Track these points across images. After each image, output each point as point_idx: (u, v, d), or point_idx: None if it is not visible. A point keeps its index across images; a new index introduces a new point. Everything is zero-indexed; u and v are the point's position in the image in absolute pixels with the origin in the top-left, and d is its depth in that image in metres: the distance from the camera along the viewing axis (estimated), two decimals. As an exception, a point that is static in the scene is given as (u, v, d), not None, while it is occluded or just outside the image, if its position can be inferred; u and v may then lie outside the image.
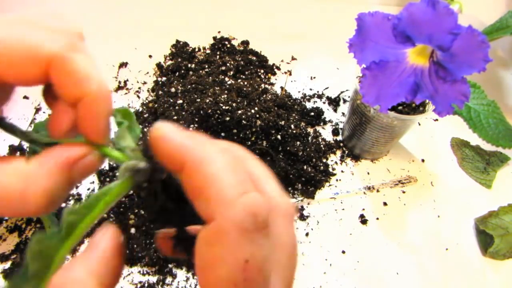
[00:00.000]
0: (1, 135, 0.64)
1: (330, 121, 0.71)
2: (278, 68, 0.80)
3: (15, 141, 0.64)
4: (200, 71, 0.73)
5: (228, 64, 0.74)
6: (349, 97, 0.75)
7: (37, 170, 0.19)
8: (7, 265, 0.52)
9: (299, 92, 0.76)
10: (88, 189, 0.60)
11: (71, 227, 0.20)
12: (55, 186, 0.19)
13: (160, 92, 0.69)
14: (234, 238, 0.17)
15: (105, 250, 0.20)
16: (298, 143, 0.64)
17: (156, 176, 0.21)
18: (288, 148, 0.62)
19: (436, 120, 0.74)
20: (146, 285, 0.52)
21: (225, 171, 0.18)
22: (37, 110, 0.68)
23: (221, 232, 0.17)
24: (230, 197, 0.17)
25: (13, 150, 0.62)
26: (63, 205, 0.59)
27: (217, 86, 0.64)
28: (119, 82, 0.74)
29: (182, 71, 0.74)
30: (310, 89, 0.76)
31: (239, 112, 0.58)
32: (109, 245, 0.20)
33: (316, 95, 0.75)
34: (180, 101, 0.61)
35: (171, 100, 0.62)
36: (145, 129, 0.63)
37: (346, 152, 0.67)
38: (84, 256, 0.19)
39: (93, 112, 0.20)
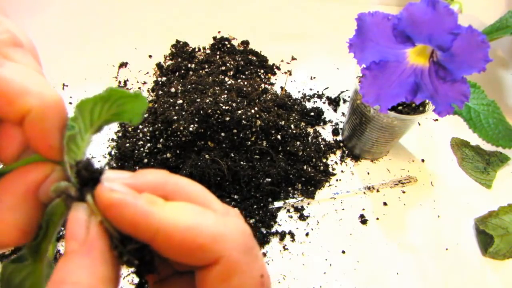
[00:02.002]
0: None
1: (330, 121, 0.71)
2: (278, 68, 0.80)
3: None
4: (200, 71, 0.73)
5: (228, 64, 0.74)
6: (349, 97, 0.75)
7: None
8: (7, 265, 0.52)
9: (299, 92, 0.76)
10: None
11: (35, 252, 0.19)
12: (24, 218, 0.18)
13: (160, 92, 0.69)
14: (246, 262, 0.18)
15: (104, 249, 0.18)
16: (298, 143, 0.64)
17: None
18: (288, 148, 0.62)
19: (436, 120, 0.74)
20: (146, 285, 0.52)
21: (195, 216, 0.18)
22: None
23: (233, 264, 0.18)
24: (219, 231, 0.18)
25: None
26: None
27: (217, 86, 0.64)
28: (119, 82, 0.73)
29: (182, 71, 0.74)
30: (310, 89, 0.76)
31: (239, 112, 0.58)
32: (107, 243, 0.18)
33: (316, 95, 0.75)
34: (180, 101, 0.61)
35: (171, 100, 0.62)
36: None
37: (346, 152, 0.67)
38: (82, 256, 0.17)
39: (40, 129, 0.18)
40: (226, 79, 0.69)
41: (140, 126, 0.64)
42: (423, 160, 0.68)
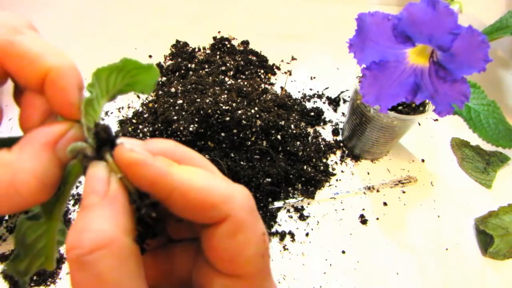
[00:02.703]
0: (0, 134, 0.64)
1: (330, 121, 0.71)
2: (278, 68, 0.80)
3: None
4: (200, 71, 0.73)
5: (228, 64, 0.74)
6: (349, 97, 0.75)
7: (20, 156, 0.18)
8: (7, 265, 0.52)
9: (299, 92, 0.76)
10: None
11: (49, 212, 0.20)
12: (43, 168, 0.18)
13: (160, 92, 0.69)
14: (251, 221, 0.20)
15: (125, 202, 0.19)
16: (298, 143, 0.64)
17: None
18: (288, 148, 0.62)
19: (436, 120, 0.74)
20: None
21: (207, 178, 0.20)
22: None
23: (240, 222, 0.19)
24: (228, 193, 0.20)
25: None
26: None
27: (217, 86, 0.64)
28: (119, 82, 0.73)
29: (182, 71, 0.74)
30: (310, 89, 0.76)
31: (239, 112, 0.58)
32: (126, 197, 0.19)
33: (316, 95, 0.75)
34: (180, 101, 0.61)
35: (171, 100, 0.62)
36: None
37: (346, 152, 0.67)
38: (105, 207, 0.18)
39: (61, 87, 0.19)
40: (226, 79, 0.69)
41: (140, 126, 0.64)
42: (423, 160, 0.68)
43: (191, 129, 0.57)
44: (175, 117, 0.58)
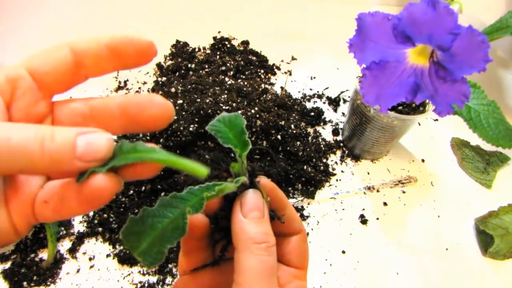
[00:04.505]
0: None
1: (330, 121, 0.71)
2: (278, 68, 0.80)
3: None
4: (200, 71, 0.73)
5: (228, 64, 0.74)
6: (349, 97, 0.75)
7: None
8: (7, 265, 0.52)
9: (299, 92, 0.76)
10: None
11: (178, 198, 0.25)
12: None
13: (160, 92, 0.69)
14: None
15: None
16: (298, 143, 0.64)
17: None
18: (288, 148, 0.62)
19: (436, 120, 0.74)
20: (146, 285, 0.52)
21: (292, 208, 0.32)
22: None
23: (305, 234, 0.32)
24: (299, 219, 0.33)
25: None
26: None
27: (217, 86, 0.64)
28: (119, 82, 0.74)
29: (182, 71, 0.74)
30: (310, 89, 0.76)
31: (239, 112, 0.58)
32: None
33: (316, 95, 0.75)
34: (180, 101, 0.61)
35: (171, 100, 0.62)
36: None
37: (346, 152, 0.67)
38: (267, 222, 0.28)
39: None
40: (226, 79, 0.69)
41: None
42: (423, 160, 0.68)
43: (191, 129, 0.57)
44: (175, 117, 0.58)
